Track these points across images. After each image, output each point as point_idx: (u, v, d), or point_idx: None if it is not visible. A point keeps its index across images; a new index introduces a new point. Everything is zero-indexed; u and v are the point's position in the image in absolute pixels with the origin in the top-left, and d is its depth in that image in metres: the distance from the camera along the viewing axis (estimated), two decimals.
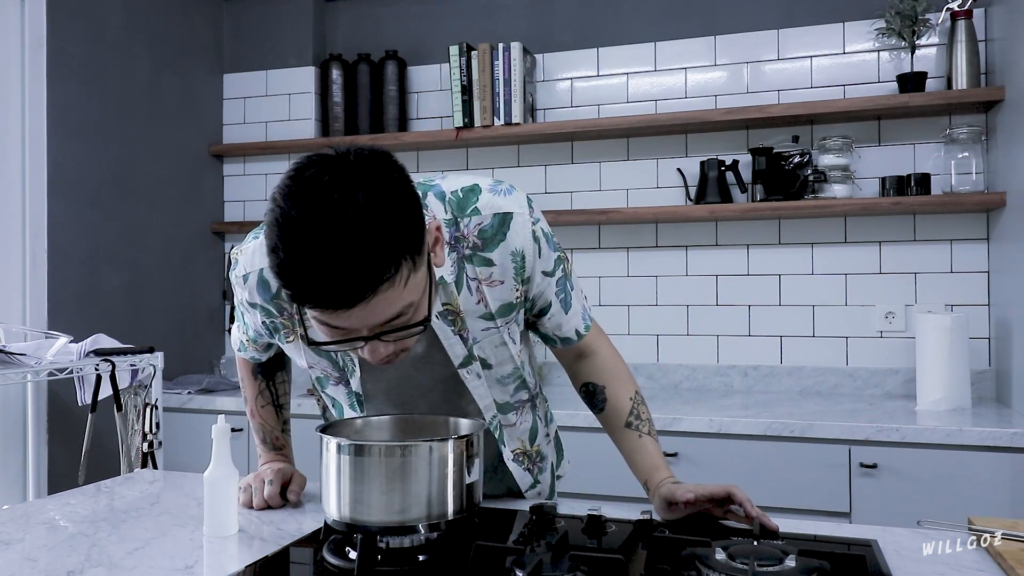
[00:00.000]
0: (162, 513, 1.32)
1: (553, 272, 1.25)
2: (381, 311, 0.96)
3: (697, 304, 3.02)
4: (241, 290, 1.24)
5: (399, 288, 0.95)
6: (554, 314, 1.29)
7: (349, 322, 0.97)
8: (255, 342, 1.37)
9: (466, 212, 1.17)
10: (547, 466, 1.45)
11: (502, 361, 1.27)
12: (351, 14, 3.49)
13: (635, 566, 1.02)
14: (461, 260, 1.17)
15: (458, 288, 1.17)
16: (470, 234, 1.16)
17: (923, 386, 2.49)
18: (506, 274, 1.18)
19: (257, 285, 1.21)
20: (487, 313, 1.20)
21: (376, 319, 0.97)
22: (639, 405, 1.34)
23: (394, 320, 0.99)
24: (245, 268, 1.22)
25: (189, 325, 3.37)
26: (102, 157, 2.95)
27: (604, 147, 3.12)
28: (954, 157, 2.66)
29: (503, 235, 1.17)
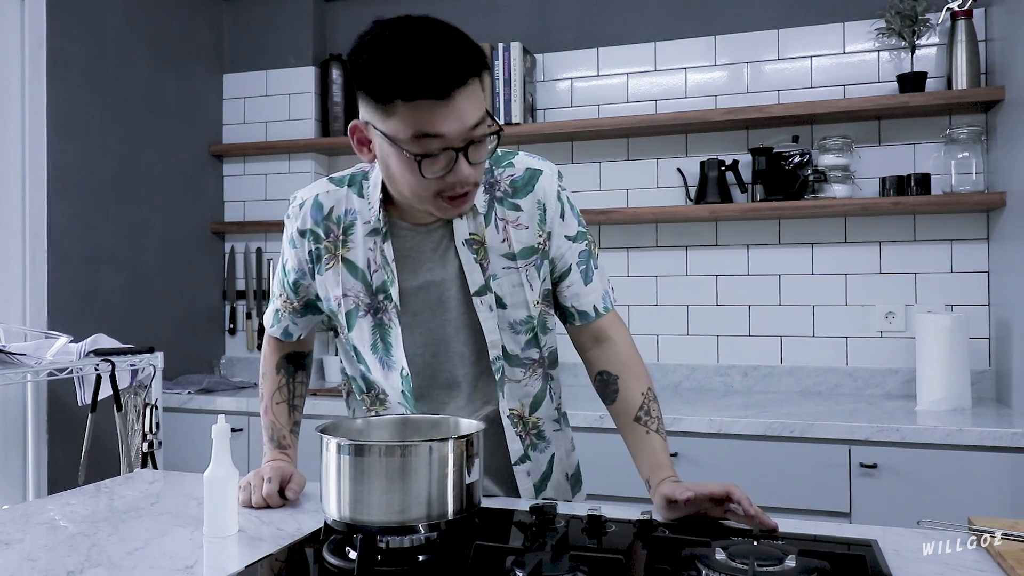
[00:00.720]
0: (162, 513, 1.32)
1: (576, 239, 1.36)
2: (469, 110, 1.13)
3: (697, 304, 3.02)
4: (294, 221, 1.35)
5: (479, 94, 1.15)
6: (573, 283, 1.36)
7: (446, 123, 1.11)
8: (293, 296, 1.42)
9: (501, 164, 1.33)
10: (546, 453, 1.44)
11: (517, 304, 1.33)
12: (351, 14, 3.49)
13: (635, 566, 1.02)
14: (493, 200, 1.31)
15: (486, 222, 1.30)
16: (503, 181, 1.32)
17: (923, 386, 2.49)
18: (531, 220, 1.32)
19: (312, 208, 1.34)
20: (509, 252, 1.31)
21: (466, 120, 1.13)
22: (650, 402, 1.35)
23: (478, 127, 1.14)
24: (302, 197, 1.36)
25: (189, 325, 3.37)
26: (102, 157, 2.95)
27: (604, 147, 3.12)
28: (954, 157, 2.66)
29: (531, 187, 1.32)
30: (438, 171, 1.15)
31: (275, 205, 3.50)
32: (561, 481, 1.49)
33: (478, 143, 1.16)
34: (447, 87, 1.10)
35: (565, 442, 1.50)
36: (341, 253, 1.33)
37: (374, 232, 1.30)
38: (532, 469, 1.42)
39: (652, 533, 1.11)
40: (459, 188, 1.17)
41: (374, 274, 1.31)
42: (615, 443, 1.43)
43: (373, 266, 1.31)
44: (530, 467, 1.41)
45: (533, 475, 1.42)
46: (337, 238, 1.33)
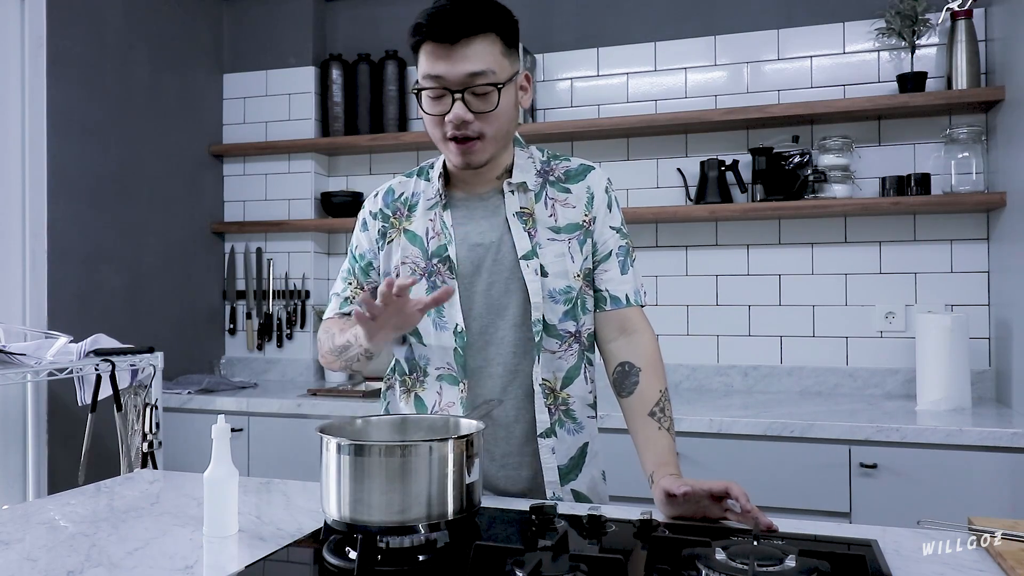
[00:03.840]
0: (162, 513, 1.32)
1: (619, 231, 1.48)
2: (470, 58, 1.29)
3: (697, 304, 3.02)
4: (370, 204, 1.53)
5: (487, 49, 1.30)
6: (611, 268, 1.46)
7: (446, 65, 1.30)
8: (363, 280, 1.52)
9: (558, 159, 1.50)
10: (577, 437, 1.44)
11: (558, 273, 1.41)
12: (351, 14, 3.49)
13: (635, 566, 1.02)
14: (545, 183, 1.46)
15: (536, 199, 1.44)
16: (557, 169, 1.48)
17: (923, 386, 2.49)
18: (579, 202, 1.45)
19: (385, 193, 1.52)
20: (555, 227, 1.43)
21: (465, 65, 1.29)
22: (666, 401, 1.38)
23: (478, 77, 1.30)
24: (379, 188, 1.55)
25: (189, 325, 3.37)
26: (102, 157, 2.95)
27: (604, 147, 3.12)
28: (954, 157, 2.66)
29: (583, 177, 1.47)
30: (437, 109, 1.34)
31: (275, 205, 3.50)
32: (596, 478, 1.48)
33: (480, 95, 1.31)
34: (454, 34, 1.28)
35: (598, 436, 1.50)
36: (403, 226, 1.48)
37: (434, 205, 1.46)
38: (557, 447, 1.41)
39: (652, 533, 1.11)
40: (455, 130, 1.33)
41: (431, 240, 1.44)
42: (616, 443, 1.43)
43: (431, 234, 1.44)
44: (555, 444, 1.41)
45: (559, 454, 1.41)
46: (402, 214, 1.49)
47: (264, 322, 3.48)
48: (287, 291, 3.47)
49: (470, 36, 1.29)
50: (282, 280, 3.49)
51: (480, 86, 1.30)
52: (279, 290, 3.49)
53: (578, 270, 1.42)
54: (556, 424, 1.42)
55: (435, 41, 1.29)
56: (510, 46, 1.35)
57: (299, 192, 3.45)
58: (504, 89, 1.33)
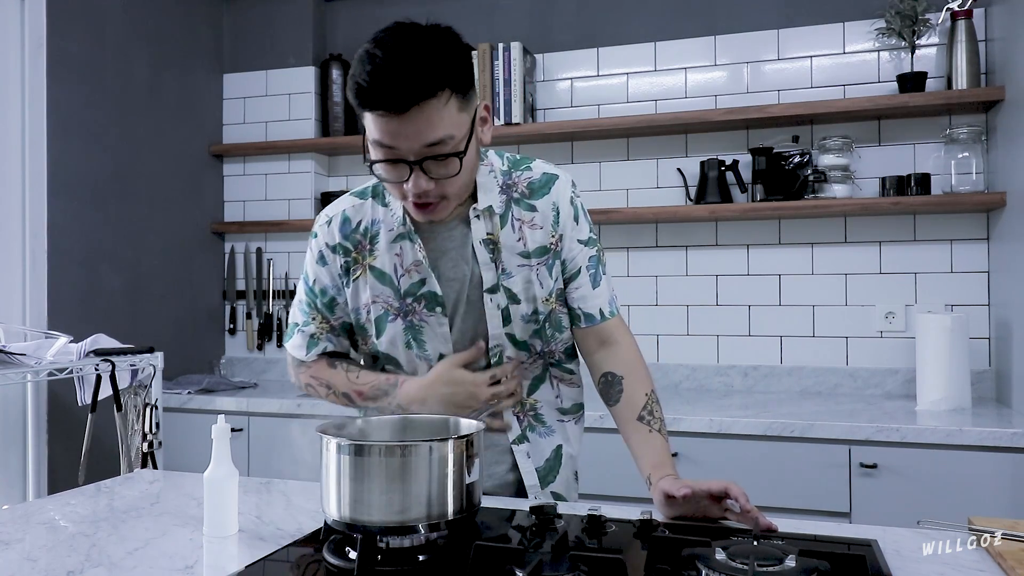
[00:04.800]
0: (162, 513, 1.32)
1: (587, 244, 1.42)
2: (426, 129, 1.17)
3: (697, 304, 3.02)
4: (323, 237, 1.41)
5: (443, 112, 1.17)
6: (582, 284, 1.42)
7: (400, 138, 1.17)
8: (329, 312, 1.43)
9: (519, 167, 1.40)
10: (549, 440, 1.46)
11: (528, 299, 1.38)
12: (351, 14, 3.49)
13: (635, 566, 1.01)
14: (510, 201, 1.37)
15: (503, 223, 1.36)
16: (520, 183, 1.39)
17: (923, 386, 2.49)
18: (545, 221, 1.38)
19: (340, 224, 1.40)
20: (524, 251, 1.37)
21: (421, 138, 1.17)
22: (654, 403, 1.38)
23: (436, 146, 1.18)
24: (329, 214, 1.42)
25: (189, 325, 3.37)
26: (102, 157, 2.95)
27: (604, 147, 3.12)
28: (954, 157, 2.66)
29: (547, 190, 1.39)
30: (394, 176, 1.23)
31: (275, 205, 3.50)
32: (570, 479, 1.51)
33: (439, 160, 1.20)
34: (403, 102, 1.14)
35: (576, 439, 1.51)
36: (368, 262, 1.39)
37: (399, 237, 1.36)
38: (532, 451, 1.45)
39: (652, 533, 1.11)
40: (415, 199, 1.24)
41: (401, 278, 1.37)
42: (615, 443, 1.43)
43: (400, 270, 1.37)
44: (529, 448, 1.44)
45: (535, 458, 1.45)
46: (364, 248, 1.39)
47: (264, 322, 3.48)
48: (287, 291, 3.47)
49: (421, 102, 1.14)
50: (282, 280, 3.49)
51: (439, 155, 1.19)
52: (279, 290, 3.49)
53: (547, 295, 1.39)
54: (527, 429, 1.45)
55: (382, 111, 1.16)
56: (467, 93, 1.22)
57: (299, 192, 3.45)
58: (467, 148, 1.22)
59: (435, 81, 1.15)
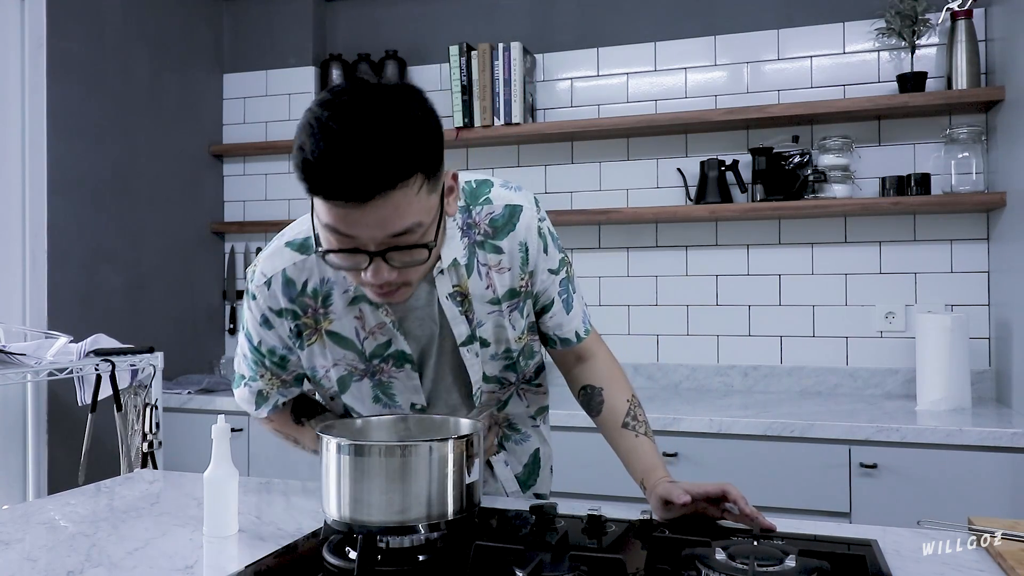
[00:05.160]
0: (162, 513, 1.32)
1: (558, 271, 1.32)
2: (391, 219, 0.99)
3: (697, 304, 3.02)
4: (263, 301, 1.24)
5: (411, 198, 0.99)
6: (555, 313, 1.35)
7: (359, 228, 0.99)
8: (280, 369, 1.31)
9: (479, 201, 1.24)
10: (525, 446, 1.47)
11: (499, 341, 1.31)
12: (351, 14, 3.49)
13: (635, 566, 1.01)
14: (473, 246, 1.23)
15: (468, 272, 1.23)
16: (481, 221, 1.24)
17: (923, 386, 2.49)
18: (513, 262, 1.26)
19: (282, 286, 1.22)
20: (494, 298, 1.27)
21: (386, 228, 1.00)
22: (635, 407, 1.36)
23: (401, 236, 1.01)
24: (266, 273, 1.23)
25: (189, 325, 3.37)
26: (102, 157, 2.95)
27: (604, 147, 3.12)
28: (954, 157, 2.66)
29: (512, 226, 1.25)
30: (350, 264, 1.05)
31: (275, 205, 3.50)
32: (547, 476, 1.53)
33: (404, 249, 1.03)
34: (366, 192, 0.96)
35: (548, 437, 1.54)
36: (324, 327, 1.24)
37: (357, 299, 1.21)
38: (509, 458, 1.46)
39: (652, 533, 1.11)
40: (375, 289, 1.08)
41: (365, 341, 1.25)
42: None
43: (362, 333, 1.24)
44: (506, 457, 1.46)
45: (512, 465, 1.46)
46: (316, 311, 1.23)
47: None
48: None
49: (385, 192, 0.96)
50: None
51: (406, 245, 1.03)
52: None
53: (519, 334, 1.32)
54: (502, 440, 1.45)
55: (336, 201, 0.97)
56: (436, 168, 1.03)
57: (299, 192, 3.45)
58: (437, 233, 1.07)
59: (404, 166, 0.97)
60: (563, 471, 1.86)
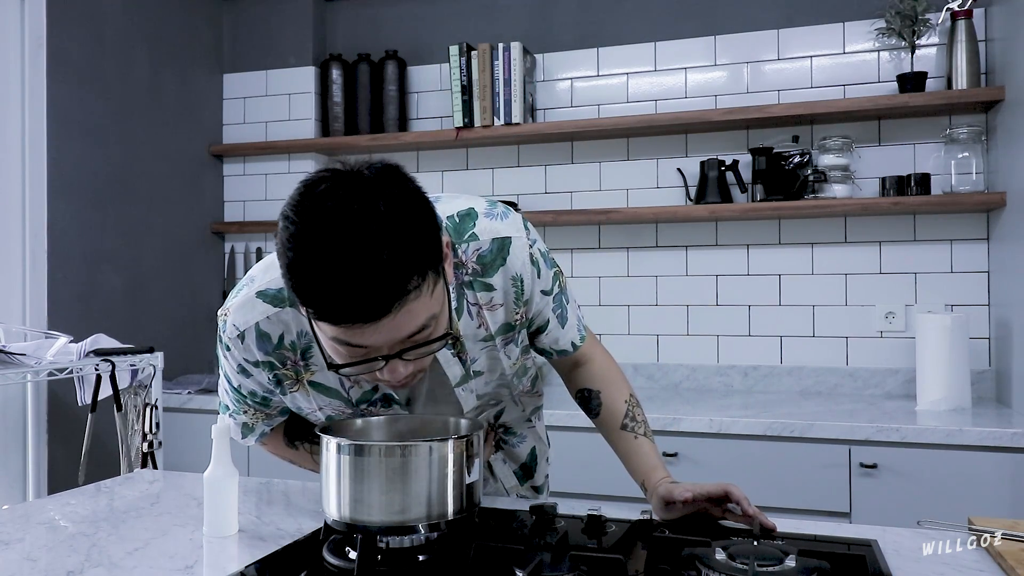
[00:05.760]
0: (162, 513, 1.32)
1: (551, 291, 1.28)
2: (406, 324, 0.94)
3: (697, 304, 3.02)
4: (238, 352, 1.18)
5: (421, 299, 0.94)
6: (551, 330, 1.32)
7: (373, 339, 0.94)
8: (263, 407, 1.30)
9: (464, 238, 1.16)
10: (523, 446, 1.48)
11: (493, 369, 1.29)
12: (351, 14, 3.49)
13: (635, 566, 1.01)
14: (461, 286, 1.17)
15: (458, 314, 1.17)
16: (469, 260, 1.16)
17: (923, 386, 2.49)
18: (507, 298, 1.20)
19: (256, 340, 1.16)
20: (487, 335, 1.22)
21: (401, 333, 0.95)
22: (634, 408, 1.36)
23: (416, 335, 0.97)
24: (239, 327, 1.16)
25: (189, 325, 3.37)
26: (102, 157, 2.95)
27: (604, 147, 3.12)
28: (954, 157, 2.66)
29: (502, 260, 1.17)
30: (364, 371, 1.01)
31: (275, 205, 3.50)
32: (543, 467, 1.55)
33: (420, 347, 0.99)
34: (377, 311, 0.90)
35: (543, 434, 1.54)
36: (305, 377, 1.20)
37: None
38: (507, 457, 1.47)
39: (652, 533, 1.11)
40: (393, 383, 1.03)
41: (351, 390, 1.21)
42: None
43: (347, 383, 1.20)
44: (504, 455, 1.47)
45: (510, 463, 1.47)
46: (296, 363, 1.19)
47: None
48: None
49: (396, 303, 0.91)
50: None
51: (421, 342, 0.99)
52: None
53: (514, 361, 1.29)
54: (500, 443, 1.46)
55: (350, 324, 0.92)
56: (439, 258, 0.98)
57: None
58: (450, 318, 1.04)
59: (411, 273, 0.91)
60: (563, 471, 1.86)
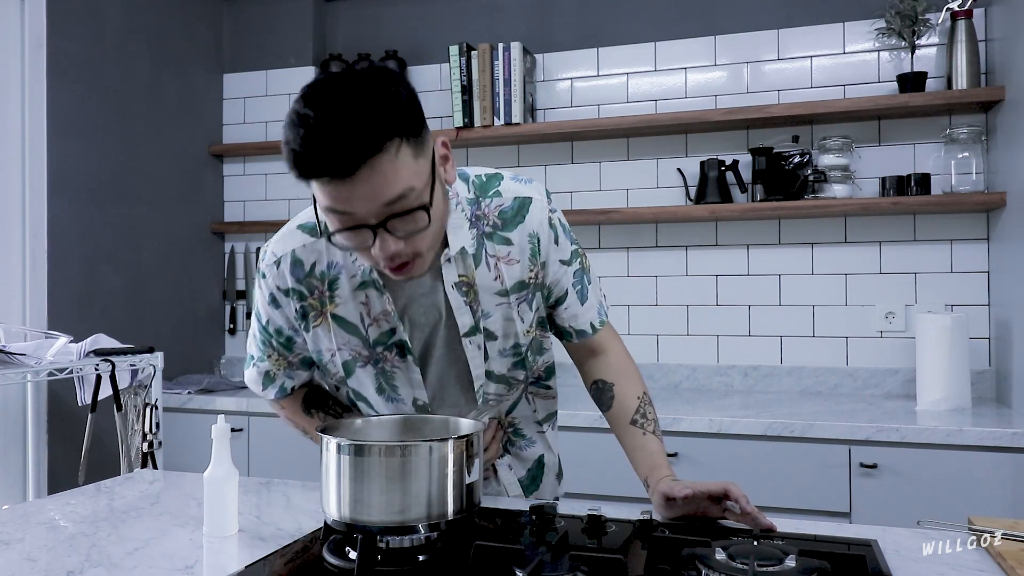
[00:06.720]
0: (162, 513, 1.32)
1: (570, 262, 1.34)
2: (381, 188, 1.02)
3: (697, 304, 3.02)
4: (272, 280, 1.28)
5: (396, 164, 1.02)
6: (570, 304, 1.36)
7: (354, 203, 1.03)
8: (287, 350, 1.34)
9: (488, 193, 1.27)
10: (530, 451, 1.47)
11: (507, 335, 1.32)
12: (351, 14, 3.49)
13: (635, 566, 1.01)
14: (482, 237, 1.26)
15: (476, 263, 1.25)
16: (491, 213, 1.26)
17: (923, 386, 2.49)
18: (523, 254, 1.28)
19: (291, 267, 1.26)
20: (502, 289, 1.28)
21: (379, 197, 1.03)
22: (646, 405, 1.37)
23: (397, 203, 1.04)
24: (276, 253, 1.27)
25: (189, 325, 3.37)
26: (102, 157, 2.95)
27: (604, 147, 3.12)
28: (954, 157, 2.66)
29: (522, 217, 1.27)
30: (357, 242, 1.08)
31: (275, 205, 3.50)
32: (553, 483, 1.53)
33: (403, 216, 1.05)
34: (349, 165, 0.99)
35: (554, 443, 1.53)
36: (329, 310, 1.27)
37: (364, 285, 1.24)
38: (513, 463, 1.46)
39: (652, 533, 1.11)
40: (387, 263, 1.10)
41: (369, 328, 1.27)
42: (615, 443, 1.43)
43: (367, 320, 1.26)
44: (511, 461, 1.45)
45: (518, 469, 1.46)
46: (323, 295, 1.26)
47: None
48: None
49: (369, 159, 0.99)
50: None
51: (403, 211, 1.05)
52: None
53: (528, 327, 1.33)
54: (507, 444, 1.45)
55: (327, 178, 1.01)
56: (419, 133, 1.06)
57: (299, 192, 3.45)
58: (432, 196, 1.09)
59: (380, 132, 1.00)
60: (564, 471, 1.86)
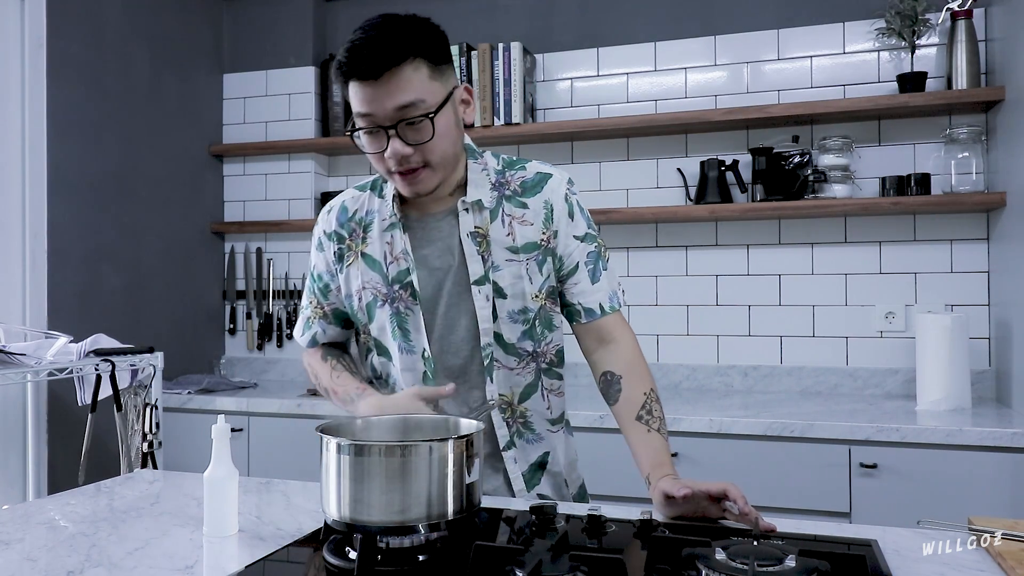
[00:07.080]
0: (162, 513, 1.32)
1: (584, 240, 1.43)
2: (396, 92, 1.23)
3: (697, 304, 3.02)
4: (323, 224, 1.49)
5: (414, 77, 1.24)
6: (580, 280, 1.42)
7: (375, 104, 1.24)
8: (323, 297, 1.50)
9: (514, 168, 1.45)
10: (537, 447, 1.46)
11: (516, 294, 1.39)
12: (351, 14, 3.49)
13: (635, 566, 1.01)
14: (501, 198, 1.41)
15: (492, 217, 1.39)
16: (513, 181, 1.43)
17: (923, 386, 2.49)
18: (536, 218, 1.40)
19: (338, 211, 1.48)
20: (513, 246, 1.39)
21: (394, 99, 1.24)
22: (653, 402, 1.37)
23: (408, 109, 1.25)
24: (332, 204, 1.50)
25: (189, 325, 3.37)
26: (102, 157, 2.95)
27: (604, 147, 3.12)
28: (954, 157, 2.66)
29: (540, 188, 1.42)
30: (375, 146, 1.29)
31: (275, 205, 3.50)
32: (560, 484, 1.51)
33: (413, 124, 1.26)
34: (375, 69, 1.23)
35: (565, 448, 1.52)
36: (360, 248, 1.45)
37: (390, 227, 1.42)
38: (519, 456, 1.45)
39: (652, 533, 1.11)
40: (395, 165, 1.29)
41: (390, 265, 1.41)
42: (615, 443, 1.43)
43: (389, 258, 1.41)
44: (516, 454, 1.45)
45: (520, 463, 1.45)
46: (358, 236, 1.45)
47: (264, 322, 3.48)
48: (287, 291, 3.47)
49: (392, 68, 1.23)
50: (282, 280, 3.49)
51: (412, 118, 1.26)
52: (279, 290, 3.49)
53: (537, 291, 1.40)
54: (515, 435, 1.45)
55: (358, 79, 1.25)
56: (439, 64, 1.29)
57: (299, 192, 3.45)
58: (438, 115, 1.27)
59: (405, 49, 1.23)
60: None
